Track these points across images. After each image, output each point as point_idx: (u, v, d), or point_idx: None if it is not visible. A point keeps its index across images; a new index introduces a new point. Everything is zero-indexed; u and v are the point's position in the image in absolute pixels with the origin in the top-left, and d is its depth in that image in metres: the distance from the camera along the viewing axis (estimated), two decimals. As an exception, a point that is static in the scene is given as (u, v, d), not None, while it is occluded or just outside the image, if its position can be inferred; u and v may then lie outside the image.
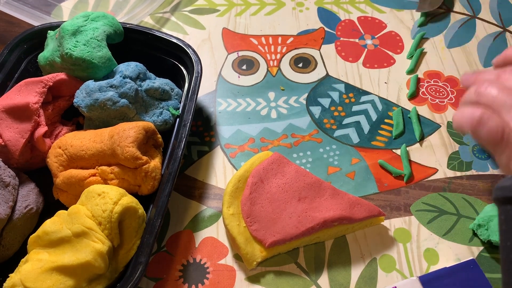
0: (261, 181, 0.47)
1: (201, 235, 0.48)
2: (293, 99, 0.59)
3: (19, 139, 0.47)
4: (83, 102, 0.48)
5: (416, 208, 0.50)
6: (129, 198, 0.42)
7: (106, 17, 0.52)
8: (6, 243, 0.44)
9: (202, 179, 0.53)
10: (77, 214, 0.40)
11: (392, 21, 0.68)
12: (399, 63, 0.63)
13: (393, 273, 0.46)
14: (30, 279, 0.38)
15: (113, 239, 0.41)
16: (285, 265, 0.46)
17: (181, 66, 0.55)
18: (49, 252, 0.40)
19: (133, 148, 0.43)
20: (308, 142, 0.55)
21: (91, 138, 0.46)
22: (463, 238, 0.48)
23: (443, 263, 0.46)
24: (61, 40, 0.50)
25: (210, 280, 0.45)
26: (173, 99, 0.53)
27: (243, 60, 0.63)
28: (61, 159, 0.46)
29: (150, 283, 0.45)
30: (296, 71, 0.62)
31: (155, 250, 0.47)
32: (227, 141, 0.55)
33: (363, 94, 0.59)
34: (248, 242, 0.45)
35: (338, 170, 0.53)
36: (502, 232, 0.31)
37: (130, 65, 0.50)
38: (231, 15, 0.69)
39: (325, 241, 0.48)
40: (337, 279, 0.45)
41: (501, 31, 0.66)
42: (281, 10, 0.69)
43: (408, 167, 0.52)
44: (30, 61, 0.56)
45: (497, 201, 0.32)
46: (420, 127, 0.56)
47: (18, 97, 0.48)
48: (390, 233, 0.48)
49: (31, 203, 0.46)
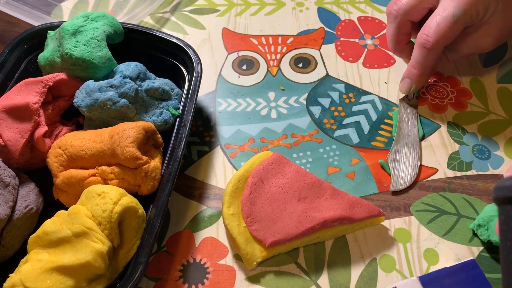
0: (261, 181, 0.47)
1: (201, 235, 0.48)
2: (293, 99, 0.59)
3: (19, 139, 0.47)
4: (83, 102, 0.48)
5: (416, 208, 0.50)
6: (129, 198, 0.42)
7: (106, 17, 0.52)
8: (6, 243, 0.44)
9: (202, 179, 0.53)
10: (77, 214, 0.40)
11: (392, 21, 0.68)
12: (399, 63, 0.63)
13: (393, 273, 0.46)
14: (30, 279, 0.38)
15: (113, 239, 0.41)
16: (285, 265, 0.46)
17: (181, 66, 0.55)
18: (49, 252, 0.40)
19: (133, 148, 0.43)
20: (308, 142, 0.55)
21: (91, 138, 0.46)
22: (463, 238, 0.48)
23: (443, 263, 0.46)
24: (61, 40, 0.50)
25: (210, 280, 0.45)
26: (173, 99, 0.53)
27: (243, 60, 0.63)
28: (61, 159, 0.46)
29: (150, 283, 0.45)
30: (296, 71, 0.62)
31: (155, 250, 0.47)
32: (227, 141, 0.55)
33: (363, 94, 0.59)
34: (248, 242, 0.45)
35: (338, 170, 0.53)
36: (502, 232, 0.30)
37: (130, 65, 0.50)
38: (231, 15, 0.69)
39: (325, 241, 0.48)
40: (337, 279, 0.45)
41: (501, 31, 0.66)
42: (281, 10, 0.69)
43: None
44: (30, 61, 0.56)
45: (497, 201, 0.32)
46: (421, 128, 0.56)
47: (18, 97, 0.48)
48: (390, 233, 0.48)
49: (31, 203, 0.46)
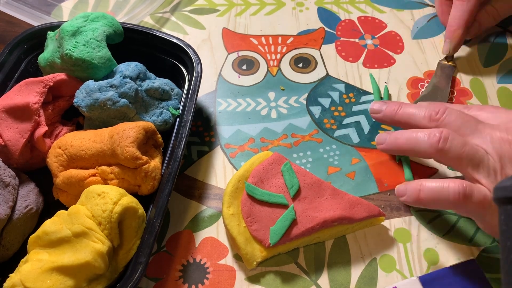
0: (261, 181, 0.47)
1: (201, 235, 0.48)
2: (293, 99, 0.59)
3: (19, 139, 0.47)
4: (83, 102, 0.48)
5: (416, 208, 0.50)
6: (129, 198, 0.42)
7: (106, 17, 0.52)
8: (6, 243, 0.44)
9: (202, 179, 0.53)
10: (77, 214, 0.40)
11: (392, 21, 0.68)
12: (399, 63, 0.63)
13: (393, 273, 0.46)
14: (30, 279, 0.38)
15: (113, 239, 0.41)
16: (285, 265, 0.46)
17: (181, 66, 0.55)
18: (49, 252, 0.40)
19: (133, 148, 0.43)
20: (308, 142, 0.55)
21: (91, 138, 0.46)
22: (463, 238, 0.48)
23: (443, 263, 0.46)
24: (61, 41, 0.50)
25: (210, 280, 0.45)
26: (173, 99, 0.53)
27: (243, 60, 0.63)
28: (61, 159, 0.46)
29: (150, 283, 0.45)
30: (296, 71, 0.62)
31: (155, 250, 0.47)
32: (227, 141, 0.55)
33: (363, 94, 0.59)
34: (248, 242, 0.45)
35: (338, 170, 0.53)
36: (502, 232, 0.30)
37: (130, 65, 0.50)
38: (231, 15, 0.69)
39: (325, 241, 0.48)
40: (337, 279, 0.45)
41: (501, 31, 0.66)
42: (281, 10, 0.69)
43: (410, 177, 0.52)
44: (30, 61, 0.56)
45: (497, 201, 0.31)
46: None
47: (18, 97, 0.48)
48: (390, 233, 0.48)
49: (31, 203, 0.46)
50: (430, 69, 0.62)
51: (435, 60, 0.63)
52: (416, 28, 0.66)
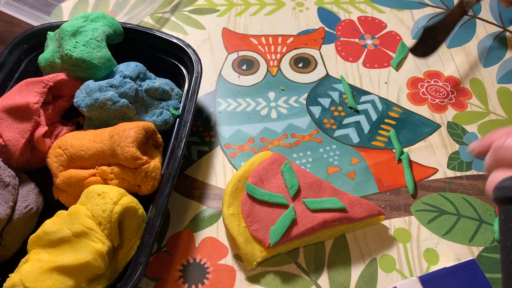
0: (261, 181, 0.47)
1: (201, 235, 0.48)
2: (293, 99, 0.59)
3: (19, 139, 0.47)
4: (83, 102, 0.48)
5: (416, 208, 0.50)
6: (129, 198, 0.42)
7: (106, 17, 0.52)
8: (6, 243, 0.44)
9: (202, 179, 0.53)
10: (77, 214, 0.40)
11: (392, 21, 0.68)
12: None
13: (393, 273, 0.46)
14: (30, 279, 0.38)
15: (113, 239, 0.41)
16: (285, 265, 0.46)
17: (181, 66, 0.55)
18: (49, 252, 0.40)
19: (133, 148, 0.43)
20: (308, 142, 0.55)
21: (91, 138, 0.46)
22: (463, 238, 0.48)
23: (443, 263, 0.46)
24: (61, 41, 0.50)
25: (210, 280, 0.45)
26: (173, 99, 0.53)
27: (243, 60, 0.63)
28: (61, 159, 0.46)
29: (150, 283, 0.45)
30: (296, 71, 0.62)
31: (155, 250, 0.47)
32: (227, 141, 0.55)
33: (363, 94, 0.59)
34: (248, 242, 0.45)
35: (338, 170, 0.53)
36: (502, 232, 0.30)
37: (130, 65, 0.50)
38: (231, 15, 0.69)
39: (325, 241, 0.48)
40: (337, 279, 0.45)
41: (501, 31, 0.66)
42: (281, 10, 0.69)
43: (411, 182, 0.51)
44: (30, 61, 0.56)
45: (497, 201, 0.32)
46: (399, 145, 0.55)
47: (18, 97, 0.48)
48: (390, 233, 0.48)
49: (31, 203, 0.46)
50: (430, 69, 0.62)
51: (435, 60, 0.63)
52: (416, 28, 0.67)
